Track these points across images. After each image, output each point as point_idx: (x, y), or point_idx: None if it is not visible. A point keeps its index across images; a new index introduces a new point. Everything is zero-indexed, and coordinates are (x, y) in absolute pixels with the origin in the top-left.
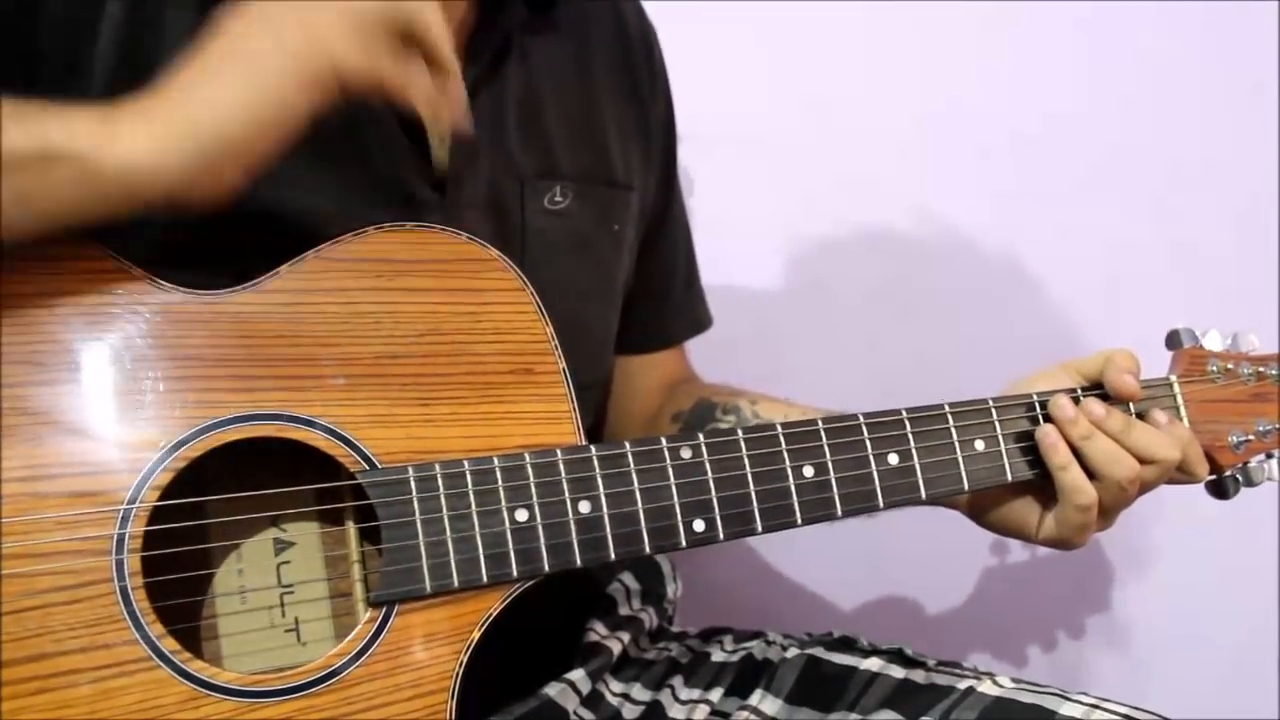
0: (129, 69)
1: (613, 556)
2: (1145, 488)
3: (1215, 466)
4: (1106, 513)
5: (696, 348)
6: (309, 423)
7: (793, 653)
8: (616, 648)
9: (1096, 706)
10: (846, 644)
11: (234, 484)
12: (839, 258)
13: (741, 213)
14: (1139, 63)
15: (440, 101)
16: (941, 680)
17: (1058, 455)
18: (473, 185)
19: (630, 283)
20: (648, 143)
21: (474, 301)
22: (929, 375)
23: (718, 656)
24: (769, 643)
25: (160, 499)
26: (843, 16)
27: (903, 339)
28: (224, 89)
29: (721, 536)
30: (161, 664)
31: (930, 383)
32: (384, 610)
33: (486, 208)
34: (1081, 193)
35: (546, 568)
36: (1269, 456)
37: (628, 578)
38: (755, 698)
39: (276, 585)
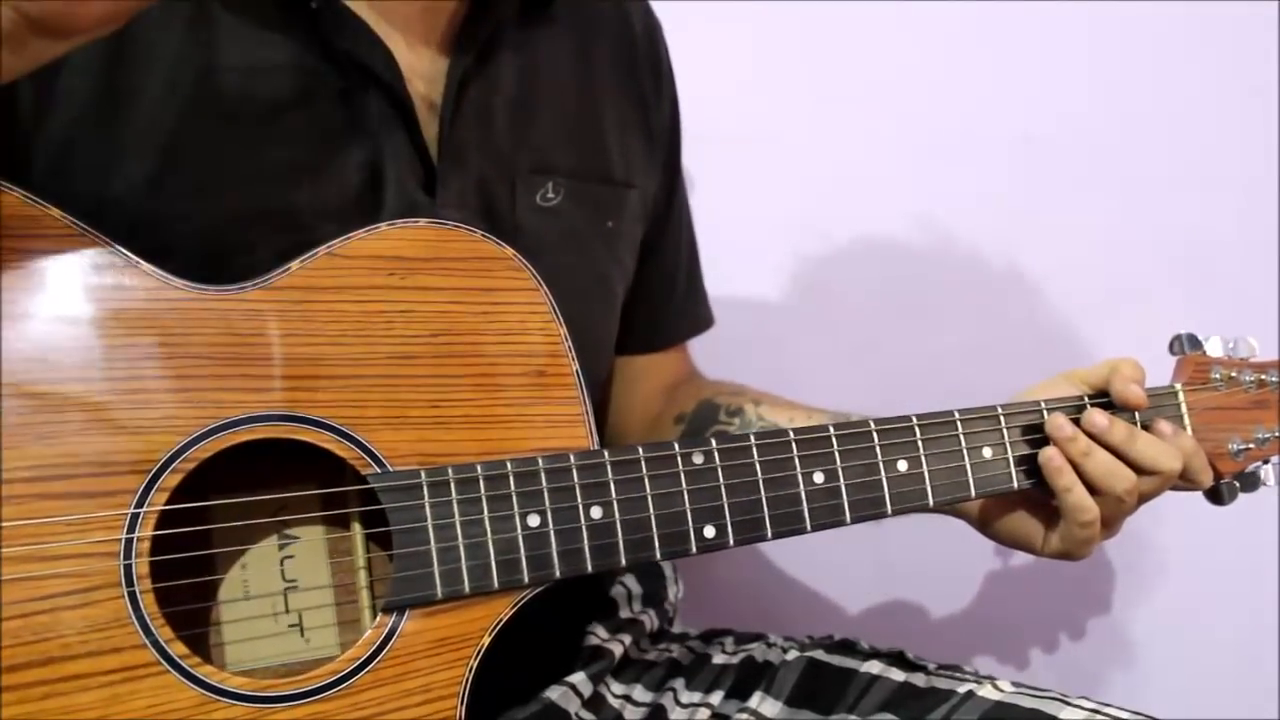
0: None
1: (623, 562)
2: (1144, 498)
3: (1215, 473)
4: (1108, 523)
5: (697, 348)
6: (319, 424)
7: (793, 655)
8: (618, 650)
9: (1097, 711)
10: (847, 647)
11: (241, 482)
12: (840, 258)
13: (742, 213)
14: (1140, 64)
15: None
16: (941, 684)
17: (1063, 478)
18: (462, 183)
19: (630, 282)
20: (651, 143)
21: (487, 301)
22: (929, 376)
23: (718, 658)
24: (769, 645)
25: (168, 501)
26: (844, 16)
27: (903, 340)
28: None
29: (732, 543)
30: (171, 669)
31: (931, 384)
32: (394, 616)
33: (476, 206)
34: (1082, 194)
35: (558, 574)
36: (1265, 462)
37: (629, 580)
38: (755, 700)
39: (280, 582)
